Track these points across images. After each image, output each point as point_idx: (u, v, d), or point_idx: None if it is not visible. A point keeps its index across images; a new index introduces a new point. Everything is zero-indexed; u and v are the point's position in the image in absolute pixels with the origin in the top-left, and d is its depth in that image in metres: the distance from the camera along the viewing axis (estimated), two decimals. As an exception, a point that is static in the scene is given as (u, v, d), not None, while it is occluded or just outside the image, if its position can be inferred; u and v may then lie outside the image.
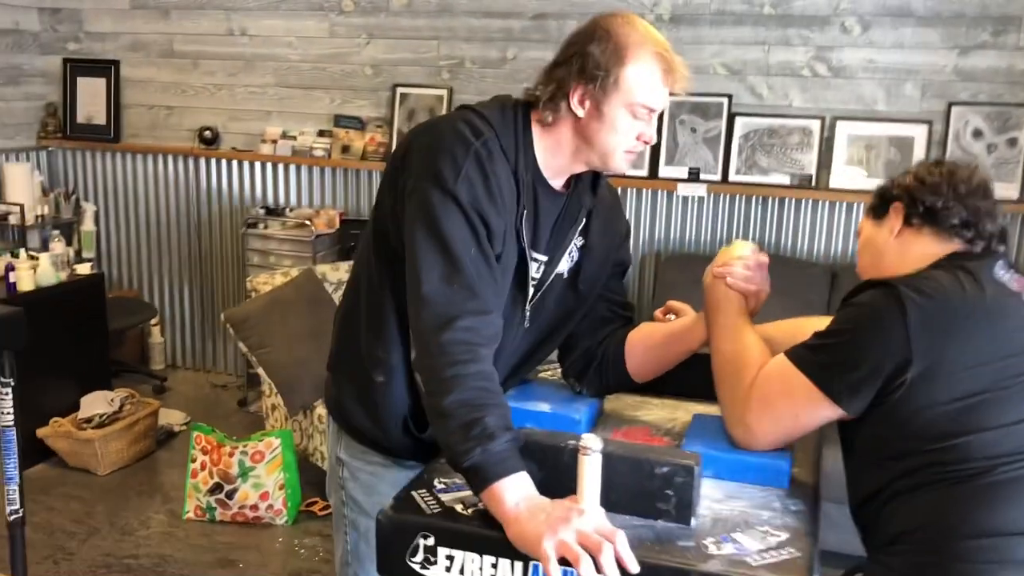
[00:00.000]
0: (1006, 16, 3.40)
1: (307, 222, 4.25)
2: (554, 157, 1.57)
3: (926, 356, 1.32)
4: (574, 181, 1.63)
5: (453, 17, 4.11)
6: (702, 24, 3.77)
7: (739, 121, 3.75)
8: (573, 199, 1.64)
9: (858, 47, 3.59)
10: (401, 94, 4.24)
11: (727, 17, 3.73)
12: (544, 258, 1.62)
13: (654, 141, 1.58)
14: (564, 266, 1.66)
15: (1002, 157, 3.45)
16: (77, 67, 4.83)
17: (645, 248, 3.98)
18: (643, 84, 1.49)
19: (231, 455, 3.23)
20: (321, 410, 3.32)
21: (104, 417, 3.68)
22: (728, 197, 3.82)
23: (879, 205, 1.57)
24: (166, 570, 3.02)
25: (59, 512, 3.36)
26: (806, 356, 1.43)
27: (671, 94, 1.53)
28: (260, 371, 3.52)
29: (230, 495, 3.24)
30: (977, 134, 3.47)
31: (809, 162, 3.67)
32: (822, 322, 1.50)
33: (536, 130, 1.55)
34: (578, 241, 1.67)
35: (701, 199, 3.85)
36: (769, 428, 1.46)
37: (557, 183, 1.61)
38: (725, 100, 3.76)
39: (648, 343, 1.73)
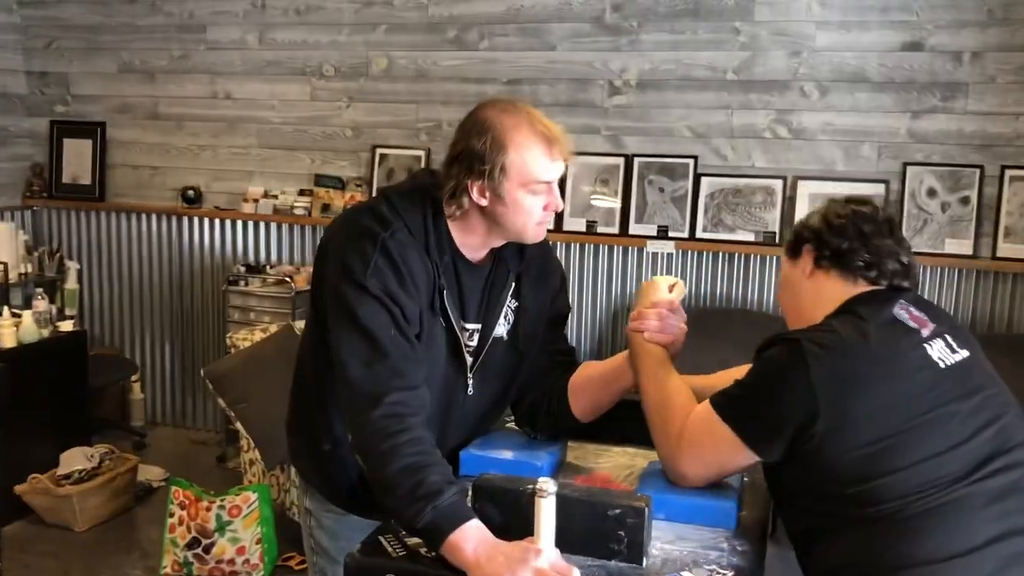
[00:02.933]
0: (954, 83, 3.58)
1: (287, 279, 4.34)
2: (469, 237, 1.66)
3: (832, 408, 1.39)
4: (498, 249, 1.72)
5: (430, 82, 4.27)
6: (668, 89, 3.94)
7: (705, 181, 3.89)
8: (499, 267, 1.73)
9: (816, 111, 3.76)
10: (380, 155, 4.38)
11: (691, 83, 3.90)
12: (477, 326, 1.71)
13: (561, 207, 1.67)
14: (501, 330, 1.75)
15: (955, 215, 3.60)
16: (63, 128, 4.94)
17: (617, 302, 4.09)
18: (530, 164, 1.57)
19: (208, 509, 3.27)
20: (298, 464, 3.37)
21: (83, 473, 3.70)
22: (695, 253, 3.94)
23: (794, 245, 1.65)
24: (142, 625, 3.04)
25: (35, 570, 3.37)
26: (724, 404, 1.51)
27: (564, 161, 1.61)
28: (238, 426, 3.57)
29: (207, 549, 3.27)
30: (931, 193, 3.62)
31: (773, 220, 3.81)
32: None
33: (450, 218, 1.64)
34: (512, 303, 1.76)
35: (670, 255, 3.97)
36: (698, 471, 1.57)
37: (477, 256, 1.70)
38: (691, 161, 3.91)
39: (587, 386, 1.82)
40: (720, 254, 3.91)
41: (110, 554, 3.50)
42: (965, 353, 1.50)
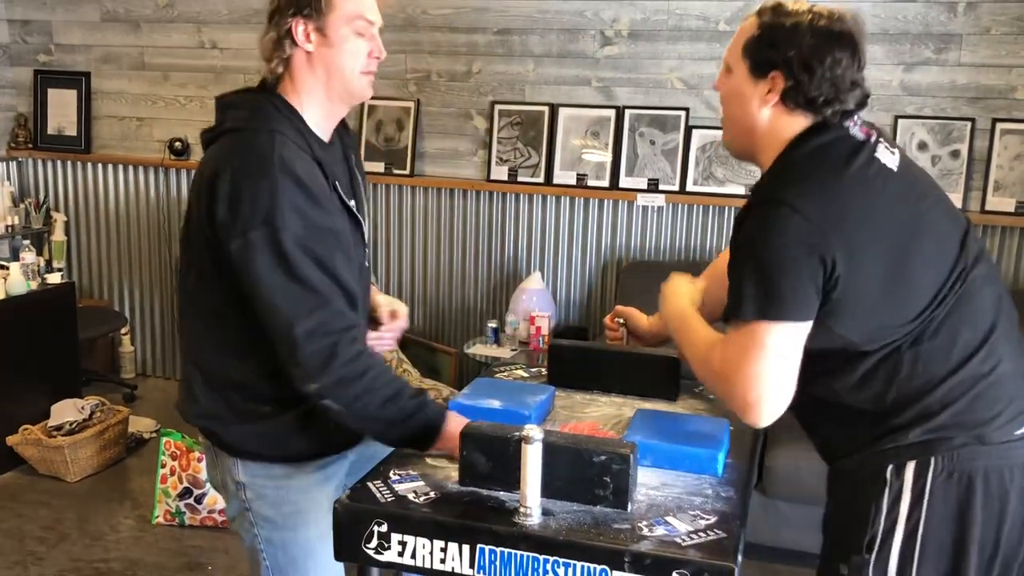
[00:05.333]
0: (947, 34, 3.55)
1: (276, 232, 4.31)
2: (311, 107, 1.63)
3: (837, 237, 1.39)
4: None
5: (419, 32, 4.21)
6: (659, 40, 3.89)
7: (696, 134, 3.87)
8: (338, 143, 1.75)
9: (809, 62, 3.72)
10: (369, 106, 4.33)
11: (683, 33, 3.86)
12: (352, 203, 1.72)
13: (384, 55, 1.67)
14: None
15: (945, 168, 3.60)
16: (47, 78, 4.87)
17: (606, 256, 4.09)
18: (352, 1, 1.60)
19: (200, 460, 3.29)
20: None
21: (74, 424, 3.72)
22: (686, 207, 3.93)
23: (761, 64, 1.51)
24: (136, 574, 3.06)
25: (28, 519, 3.40)
26: (738, 308, 1.44)
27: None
28: (229, 378, 3.58)
29: (199, 500, 3.30)
30: (922, 146, 3.61)
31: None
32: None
33: (292, 99, 1.63)
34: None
35: (660, 209, 3.97)
36: (763, 391, 1.42)
37: (327, 136, 1.69)
38: (682, 113, 3.89)
39: None
40: (711, 207, 3.90)
41: (102, 504, 3.53)
42: (896, 151, 1.53)
